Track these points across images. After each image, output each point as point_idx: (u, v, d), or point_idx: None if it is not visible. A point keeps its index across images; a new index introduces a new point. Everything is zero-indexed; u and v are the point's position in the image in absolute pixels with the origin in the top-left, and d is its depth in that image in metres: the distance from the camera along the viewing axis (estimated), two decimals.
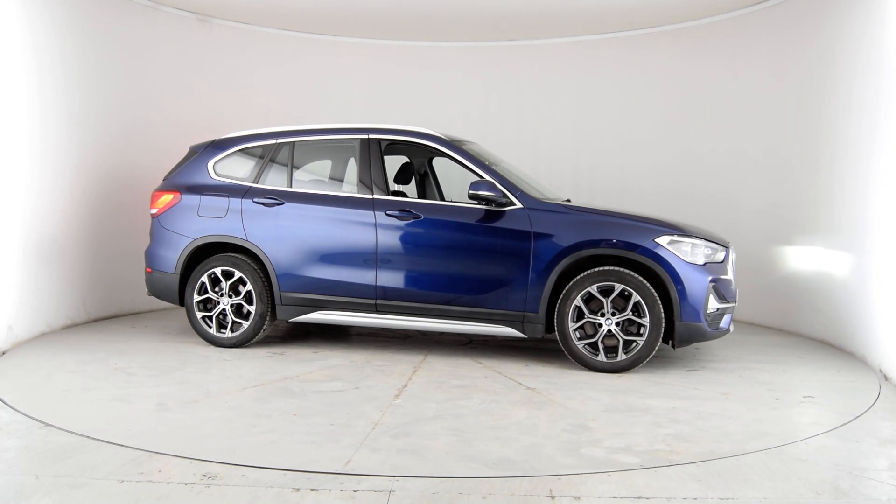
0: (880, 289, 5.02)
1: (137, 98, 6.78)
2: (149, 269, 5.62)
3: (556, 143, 7.94)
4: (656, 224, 4.76)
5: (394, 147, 5.44)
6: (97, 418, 3.70)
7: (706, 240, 4.78)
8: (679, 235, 4.69)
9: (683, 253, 4.66)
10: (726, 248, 4.89)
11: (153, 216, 5.66)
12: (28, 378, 4.44)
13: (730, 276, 4.88)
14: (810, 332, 6.14)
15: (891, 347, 4.77)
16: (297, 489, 2.81)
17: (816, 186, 6.08)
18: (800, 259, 6.29)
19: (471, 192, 4.86)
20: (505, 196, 4.87)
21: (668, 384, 4.51)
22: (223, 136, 5.69)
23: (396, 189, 5.48)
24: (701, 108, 7.28)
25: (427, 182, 6.03)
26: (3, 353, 5.06)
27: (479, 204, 4.90)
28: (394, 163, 5.96)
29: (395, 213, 5.04)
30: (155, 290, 5.63)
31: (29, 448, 3.23)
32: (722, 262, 4.82)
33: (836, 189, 5.79)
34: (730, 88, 7.03)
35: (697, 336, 4.71)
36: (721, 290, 4.74)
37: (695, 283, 4.62)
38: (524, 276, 4.78)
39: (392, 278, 5.04)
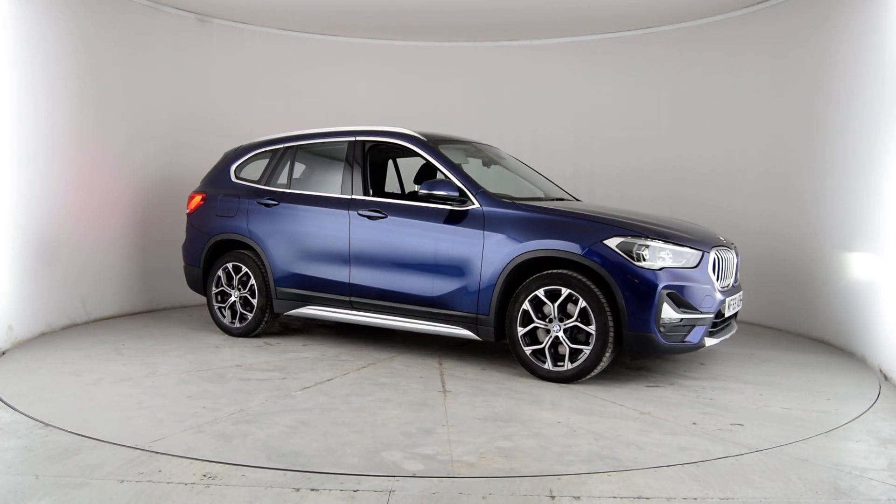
0: (882, 289, 5.02)
1: (136, 99, 6.77)
2: (184, 264, 6.17)
3: (556, 143, 7.95)
4: (610, 224, 4.38)
5: (378, 148, 5.47)
6: (29, 385, 4.25)
7: (673, 242, 4.35)
8: (633, 237, 4.29)
9: (635, 256, 4.24)
10: (703, 251, 4.40)
11: (187, 215, 6.16)
12: (28, 378, 4.44)
13: (708, 283, 4.38)
14: (810, 332, 6.14)
15: (891, 347, 4.77)
16: (297, 489, 2.81)
17: (818, 187, 6.08)
18: (800, 259, 6.28)
19: (421, 191, 4.86)
20: (463, 195, 4.77)
21: (598, 398, 4.17)
22: (245, 143, 6.12)
23: (416, 190, 5.53)
24: (701, 108, 7.28)
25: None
26: (3, 353, 5.06)
27: (438, 203, 4.84)
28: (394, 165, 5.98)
29: (366, 212, 5.13)
30: (188, 281, 6.16)
31: (29, 448, 3.23)
32: (694, 266, 4.35)
33: (839, 189, 5.78)
34: (730, 88, 7.03)
35: (650, 349, 4.25)
36: (686, 298, 4.27)
37: (644, 290, 4.18)
38: (476, 277, 4.64)
39: (362, 276, 5.14)
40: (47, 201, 5.79)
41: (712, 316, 4.40)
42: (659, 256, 4.28)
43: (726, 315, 4.59)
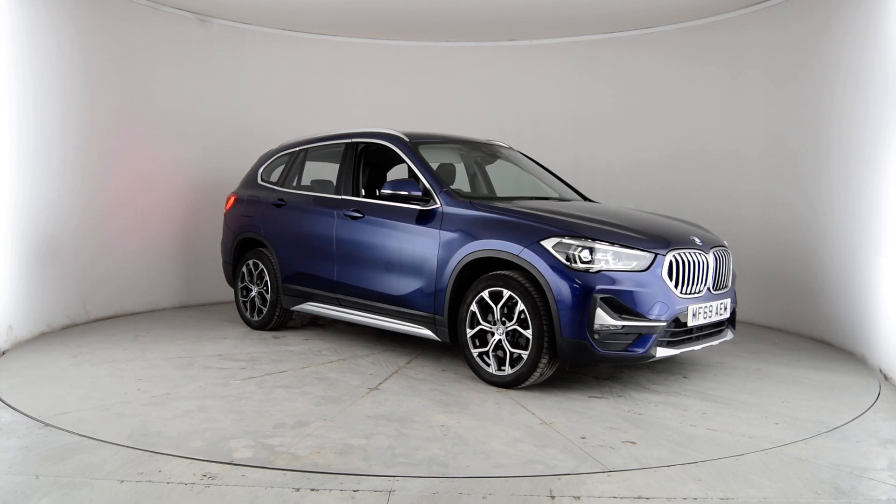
0: (882, 289, 5.01)
1: (136, 99, 6.77)
2: (222, 260, 6.55)
3: (556, 143, 7.95)
4: (550, 225, 4.18)
5: (370, 149, 5.52)
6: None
7: (620, 244, 4.07)
8: (571, 237, 4.05)
9: (572, 258, 4.01)
10: (655, 254, 4.10)
11: (224, 214, 6.51)
12: (28, 378, 4.45)
13: (660, 288, 4.07)
14: (810, 332, 6.14)
15: (891, 347, 4.77)
16: (297, 489, 2.81)
17: (818, 186, 6.08)
18: (800, 259, 6.28)
19: (384, 190, 4.88)
20: (428, 194, 4.74)
21: (519, 405, 4.00)
22: (274, 147, 6.44)
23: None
24: (701, 109, 7.28)
25: (476, 182, 5.99)
26: (3, 353, 5.06)
27: (407, 203, 4.83)
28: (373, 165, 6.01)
29: (348, 212, 5.24)
30: (225, 276, 6.55)
31: (29, 448, 3.23)
32: (644, 270, 4.06)
33: (839, 189, 5.78)
34: (730, 88, 7.03)
35: (583, 356, 4.00)
36: (628, 303, 3.98)
37: (576, 293, 3.94)
38: (433, 277, 4.59)
39: (345, 274, 5.26)
40: (47, 201, 5.79)
41: (664, 324, 4.05)
42: (598, 259, 4.01)
43: (690, 324, 4.18)
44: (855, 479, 3.02)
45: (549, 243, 4.09)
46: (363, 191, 5.41)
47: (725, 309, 4.51)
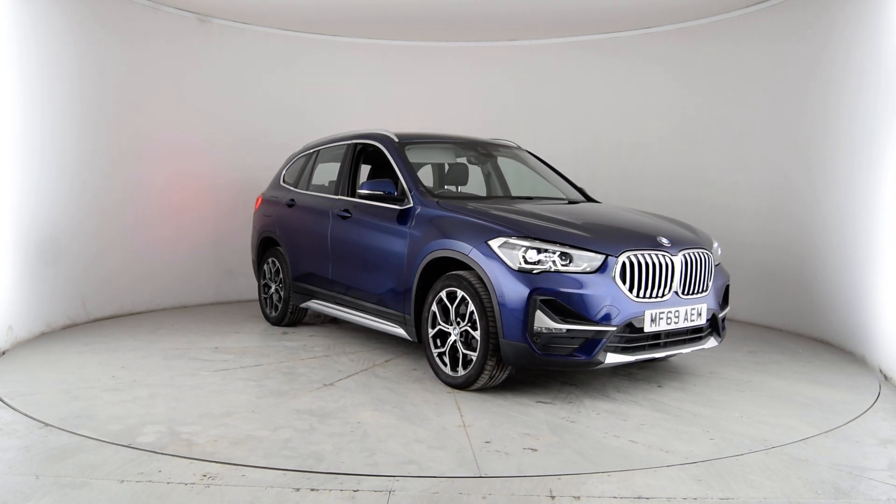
0: (882, 289, 5.02)
1: (136, 99, 6.77)
2: (251, 258, 6.79)
3: (556, 143, 7.93)
4: (499, 224, 4.10)
5: (367, 150, 5.55)
6: (38, 350, 5.03)
7: (570, 245, 3.92)
8: (518, 238, 3.95)
9: (517, 258, 3.90)
10: (606, 255, 3.92)
11: (253, 214, 6.77)
12: (28, 378, 4.45)
13: (610, 291, 3.86)
14: (810, 332, 6.13)
15: (891, 347, 4.77)
16: (297, 489, 2.81)
17: (817, 185, 6.08)
18: (800, 259, 6.28)
19: (361, 190, 4.96)
20: (403, 194, 4.77)
21: (456, 406, 3.93)
22: (297, 149, 6.62)
23: (448, 189, 5.61)
24: (701, 107, 7.27)
25: (490, 181, 6.00)
26: (3, 353, 5.07)
27: (385, 203, 4.86)
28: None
29: (340, 212, 5.35)
30: (254, 273, 6.70)
31: (29, 448, 3.23)
32: (593, 272, 3.88)
33: (838, 188, 5.78)
34: (729, 88, 7.02)
35: (525, 360, 3.86)
36: (572, 306, 3.79)
37: (516, 295, 3.82)
38: (403, 276, 4.59)
39: (338, 272, 5.36)
40: (48, 201, 5.78)
41: (614, 329, 3.85)
42: (545, 259, 3.88)
43: (647, 329, 3.95)
44: (855, 479, 3.03)
45: (495, 243, 4.00)
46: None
47: (699, 314, 4.18)
